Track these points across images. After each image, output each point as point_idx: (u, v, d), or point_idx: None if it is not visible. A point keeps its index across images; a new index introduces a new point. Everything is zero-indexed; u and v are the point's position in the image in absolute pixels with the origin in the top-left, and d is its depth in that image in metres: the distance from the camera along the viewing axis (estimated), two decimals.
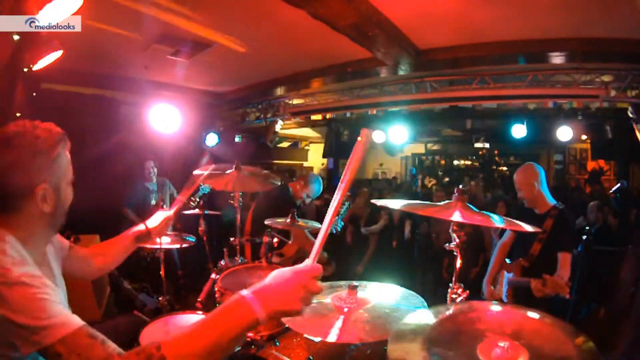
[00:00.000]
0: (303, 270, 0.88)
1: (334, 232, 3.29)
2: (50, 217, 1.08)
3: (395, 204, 1.62)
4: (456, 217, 1.37)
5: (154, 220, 1.67)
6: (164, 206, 4.31)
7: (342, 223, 3.38)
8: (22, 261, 0.97)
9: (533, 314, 1.07)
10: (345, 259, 4.69)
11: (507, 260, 2.65)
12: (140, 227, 1.62)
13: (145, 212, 4.40)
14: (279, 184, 2.63)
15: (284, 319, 1.41)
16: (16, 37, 2.45)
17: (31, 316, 0.87)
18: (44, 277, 0.96)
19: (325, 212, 0.97)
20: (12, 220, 1.02)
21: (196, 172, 2.26)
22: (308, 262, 0.91)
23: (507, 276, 2.56)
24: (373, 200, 1.67)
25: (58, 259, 1.27)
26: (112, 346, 0.88)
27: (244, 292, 0.86)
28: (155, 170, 4.54)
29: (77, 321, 0.90)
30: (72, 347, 0.85)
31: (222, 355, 0.85)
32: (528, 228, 1.46)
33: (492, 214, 1.49)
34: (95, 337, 0.88)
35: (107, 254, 1.54)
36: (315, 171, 10.15)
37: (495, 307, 1.13)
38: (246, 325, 0.84)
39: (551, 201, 2.52)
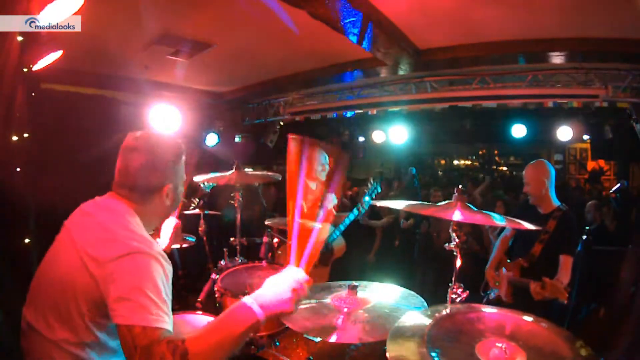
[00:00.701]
0: (296, 278, 1.05)
1: (361, 212, 3.12)
2: (167, 210, 1.33)
3: (397, 205, 1.62)
4: (457, 216, 1.37)
5: (164, 236, 1.77)
6: None
7: (371, 201, 3.23)
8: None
9: (531, 318, 1.08)
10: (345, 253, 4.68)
11: (507, 260, 2.64)
12: None
13: None
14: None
15: (283, 319, 1.42)
16: (20, 38, 2.44)
17: (142, 288, 0.98)
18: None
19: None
20: (140, 208, 1.23)
21: (196, 178, 2.28)
22: (299, 270, 1.06)
23: (506, 275, 2.55)
24: (375, 202, 1.68)
25: None
26: (169, 335, 0.98)
27: (246, 299, 1.03)
28: None
29: (164, 319, 1.00)
30: (142, 336, 0.95)
31: (230, 350, 1.00)
32: (529, 226, 1.45)
33: (492, 213, 1.49)
34: (165, 335, 0.98)
35: None
36: None
37: (494, 309, 1.14)
38: (249, 325, 1.00)
39: (556, 202, 2.50)
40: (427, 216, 2.87)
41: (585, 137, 7.36)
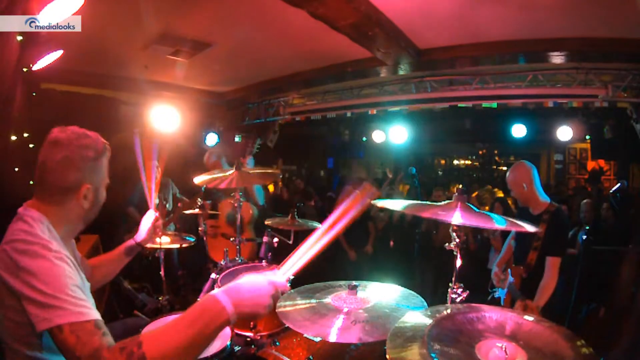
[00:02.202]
0: (277, 283, 0.96)
1: None
2: (86, 214, 1.23)
3: (396, 204, 1.61)
4: (456, 218, 1.35)
5: (142, 232, 1.74)
6: (167, 205, 4.35)
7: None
8: (58, 243, 1.08)
9: (531, 317, 1.08)
10: (341, 252, 4.67)
11: (513, 264, 2.63)
12: (130, 241, 1.71)
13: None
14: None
15: (283, 320, 1.43)
16: (19, 38, 2.44)
17: (53, 289, 0.93)
18: (73, 261, 1.06)
19: (327, 212, 0.99)
20: (53, 210, 1.14)
21: (196, 179, 2.28)
22: (280, 274, 0.99)
23: (510, 280, 2.53)
24: (373, 201, 1.66)
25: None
26: (108, 339, 0.93)
27: (216, 292, 0.91)
28: (159, 170, 4.53)
29: (90, 312, 0.96)
30: (77, 330, 0.90)
31: (197, 352, 0.89)
32: (529, 228, 1.44)
33: (492, 214, 1.49)
34: (100, 328, 0.94)
35: (104, 266, 1.63)
36: None
37: (495, 309, 1.13)
38: (219, 324, 0.88)
39: (544, 199, 2.48)
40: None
41: (586, 137, 7.35)
